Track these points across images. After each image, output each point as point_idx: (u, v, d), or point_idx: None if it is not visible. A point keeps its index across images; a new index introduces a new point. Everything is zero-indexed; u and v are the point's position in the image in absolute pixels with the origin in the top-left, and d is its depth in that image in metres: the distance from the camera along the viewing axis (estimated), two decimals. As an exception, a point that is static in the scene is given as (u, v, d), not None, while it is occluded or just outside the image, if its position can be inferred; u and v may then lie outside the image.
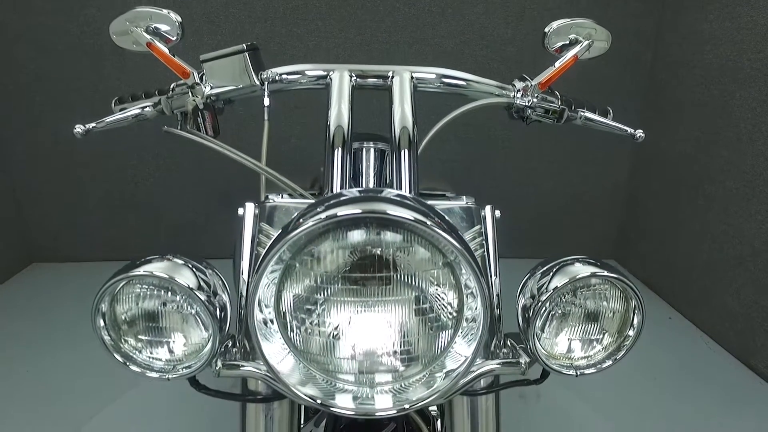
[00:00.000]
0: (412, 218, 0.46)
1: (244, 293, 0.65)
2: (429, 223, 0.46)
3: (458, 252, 0.47)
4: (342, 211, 0.46)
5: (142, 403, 1.78)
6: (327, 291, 0.50)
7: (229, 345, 0.62)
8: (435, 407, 1.06)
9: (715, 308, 2.24)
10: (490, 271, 0.65)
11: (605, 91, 2.61)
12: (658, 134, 2.61)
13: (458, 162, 2.78)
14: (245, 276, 0.65)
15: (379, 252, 0.48)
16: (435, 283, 0.50)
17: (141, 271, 0.52)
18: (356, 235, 0.48)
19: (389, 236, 0.49)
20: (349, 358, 0.52)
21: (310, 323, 0.51)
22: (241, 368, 0.59)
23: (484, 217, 0.69)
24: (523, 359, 0.60)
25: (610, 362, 0.59)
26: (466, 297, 0.51)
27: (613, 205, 2.98)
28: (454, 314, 0.52)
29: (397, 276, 0.49)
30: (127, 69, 2.51)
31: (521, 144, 2.81)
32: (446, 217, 0.50)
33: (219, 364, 0.58)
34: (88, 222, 2.83)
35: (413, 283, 0.50)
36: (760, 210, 1.98)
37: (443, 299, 0.51)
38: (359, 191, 0.50)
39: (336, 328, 0.51)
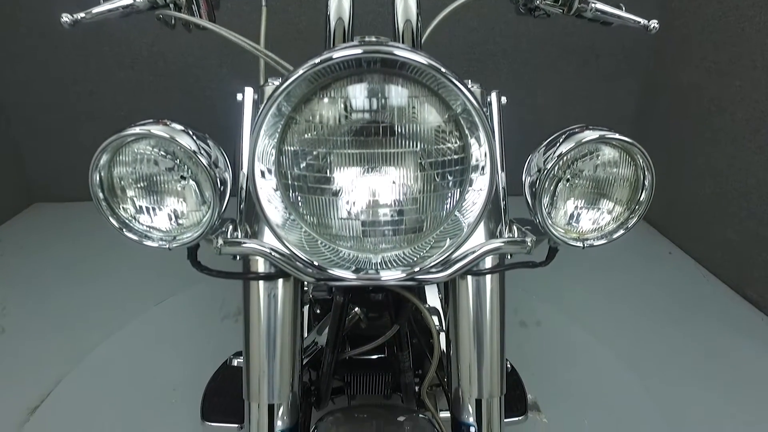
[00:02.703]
0: (426, 62, 0.43)
1: (245, 182, 0.64)
2: (443, 70, 0.44)
3: (467, 100, 0.45)
4: (339, 54, 0.43)
5: (144, 334, 1.82)
6: (329, 144, 0.47)
7: (230, 228, 0.61)
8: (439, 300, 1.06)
9: (714, 242, 2.25)
10: (496, 161, 0.63)
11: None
12: (667, 66, 2.53)
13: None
14: (245, 160, 0.63)
15: (383, 103, 0.46)
16: (440, 136, 0.48)
17: (138, 129, 0.50)
18: (359, 89, 0.46)
19: (393, 89, 0.46)
20: (353, 219, 0.51)
21: (312, 180, 0.49)
22: (243, 245, 0.58)
23: (490, 103, 0.66)
24: (530, 238, 0.59)
25: (622, 231, 0.58)
26: (472, 154, 0.49)
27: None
28: (460, 171, 0.50)
29: (401, 128, 0.47)
30: None
31: (524, 78, 2.73)
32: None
33: (220, 241, 0.57)
34: (87, 162, 2.79)
35: (418, 134, 0.48)
36: (769, 140, 1.94)
37: (449, 155, 0.49)
38: (360, 40, 0.47)
39: (338, 186, 0.49)
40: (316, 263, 0.50)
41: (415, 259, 0.53)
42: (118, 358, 1.69)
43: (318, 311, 1.14)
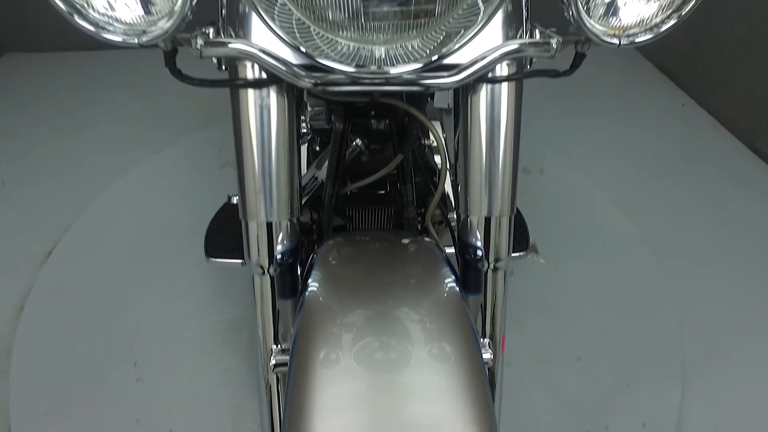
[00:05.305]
0: None
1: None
2: None
3: None
4: None
5: (144, 182, 1.81)
6: None
7: (212, 31, 0.53)
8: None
9: (732, 93, 2.13)
10: None
11: None
12: None
13: None
14: None
15: None
16: None
17: None
18: None
19: None
20: None
21: None
22: (228, 45, 0.51)
23: None
24: (554, 39, 0.52)
25: (674, 21, 0.50)
26: None
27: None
28: None
29: None
30: None
31: None
32: None
33: (200, 41, 0.49)
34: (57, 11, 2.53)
35: None
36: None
37: None
38: None
39: None
40: (303, 49, 0.43)
41: (424, 54, 0.46)
42: (121, 204, 1.71)
43: (317, 149, 1.10)
